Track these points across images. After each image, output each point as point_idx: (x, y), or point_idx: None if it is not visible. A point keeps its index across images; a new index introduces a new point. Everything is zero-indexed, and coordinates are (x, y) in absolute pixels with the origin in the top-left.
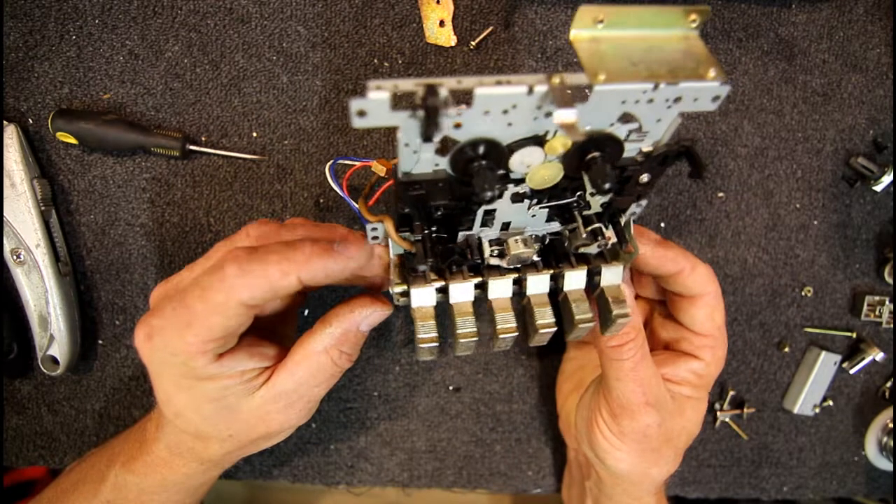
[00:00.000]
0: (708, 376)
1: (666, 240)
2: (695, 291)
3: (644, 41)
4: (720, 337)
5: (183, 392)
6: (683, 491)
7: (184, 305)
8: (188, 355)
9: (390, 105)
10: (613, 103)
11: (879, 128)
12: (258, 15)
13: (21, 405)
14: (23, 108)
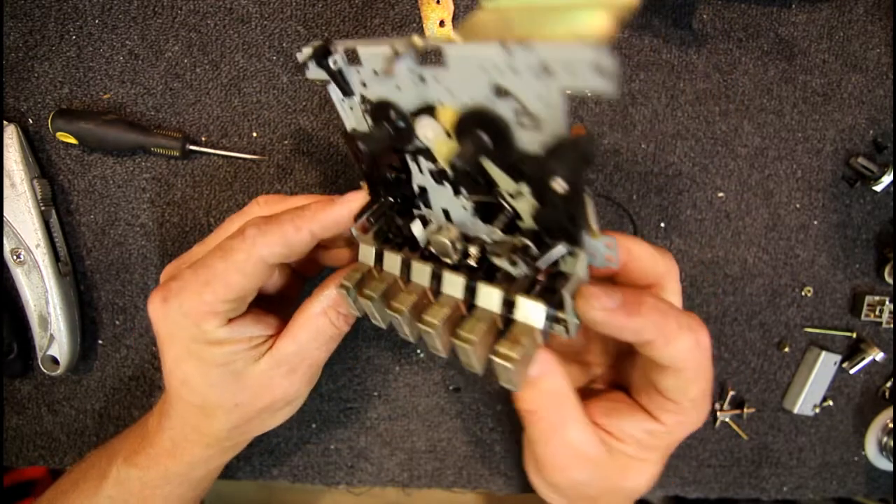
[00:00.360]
0: (664, 442)
1: (641, 297)
2: (668, 363)
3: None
4: (693, 410)
5: (192, 358)
6: (683, 491)
7: (204, 266)
8: (201, 316)
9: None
10: (473, 69)
11: (879, 128)
12: (258, 15)
13: (21, 405)
14: (23, 108)
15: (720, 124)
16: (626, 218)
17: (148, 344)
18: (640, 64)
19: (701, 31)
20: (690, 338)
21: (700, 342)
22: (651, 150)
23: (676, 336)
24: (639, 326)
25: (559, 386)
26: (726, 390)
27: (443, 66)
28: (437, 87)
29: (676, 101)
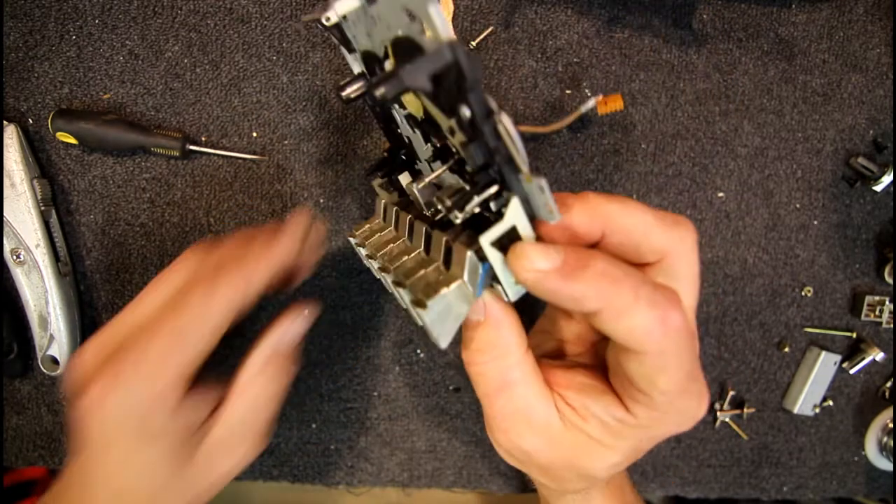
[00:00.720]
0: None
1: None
2: (624, 342)
3: None
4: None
5: (135, 459)
6: (683, 491)
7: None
8: (151, 402)
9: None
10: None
11: (879, 128)
12: (258, 15)
13: (21, 405)
14: (23, 108)
15: (720, 124)
16: None
17: None
18: (640, 64)
19: (701, 31)
20: (651, 314)
21: (667, 320)
22: (651, 150)
23: (631, 309)
24: (579, 294)
25: (503, 339)
26: (726, 390)
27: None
28: (382, 26)
29: (676, 101)
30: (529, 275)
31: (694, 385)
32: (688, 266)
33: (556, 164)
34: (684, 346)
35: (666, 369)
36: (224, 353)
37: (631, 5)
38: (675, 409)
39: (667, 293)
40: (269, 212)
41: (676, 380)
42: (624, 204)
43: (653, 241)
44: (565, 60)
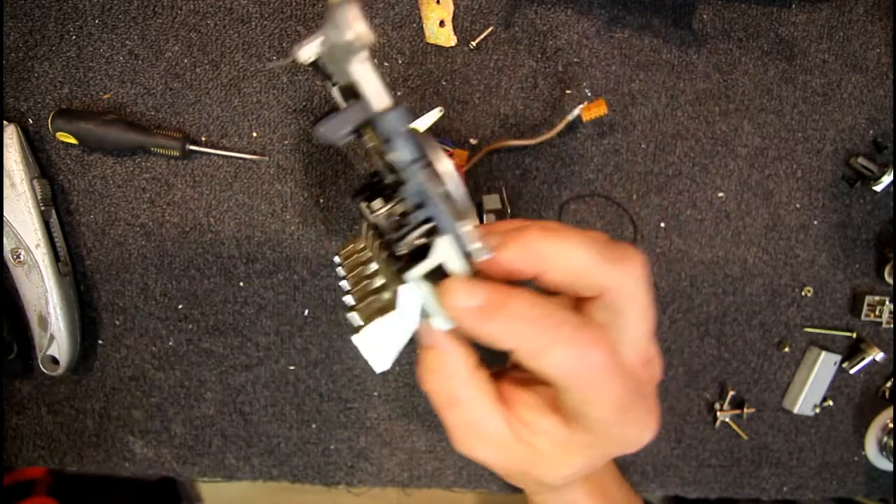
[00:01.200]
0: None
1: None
2: (549, 381)
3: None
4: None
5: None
6: (683, 491)
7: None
8: None
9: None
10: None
11: (879, 128)
12: (258, 15)
13: (21, 405)
14: (23, 108)
15: (720, 124)
16: (626, 218)
17: (148, 344)
18: (640, 64)
19: (701, 31)
20: (567, 352)
21: (584, 358)
22: (651, 150)
23: (546, 349)
24: (494, 333)
25: (451, 363)
26: (726, 390)
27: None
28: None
29: (676, 101)
30: (452, 311)
31: (630, 415)
32: (632, 301)
33: (556, 164)
34: (610, 381)
35: (592, 402)
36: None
37: (631, 5)
38: (613, 436)
39: (588, 331)
40: (269, 212)
41: (606, 411)
42: (563, 241)
43: (592, 280)
44: (565, 60)
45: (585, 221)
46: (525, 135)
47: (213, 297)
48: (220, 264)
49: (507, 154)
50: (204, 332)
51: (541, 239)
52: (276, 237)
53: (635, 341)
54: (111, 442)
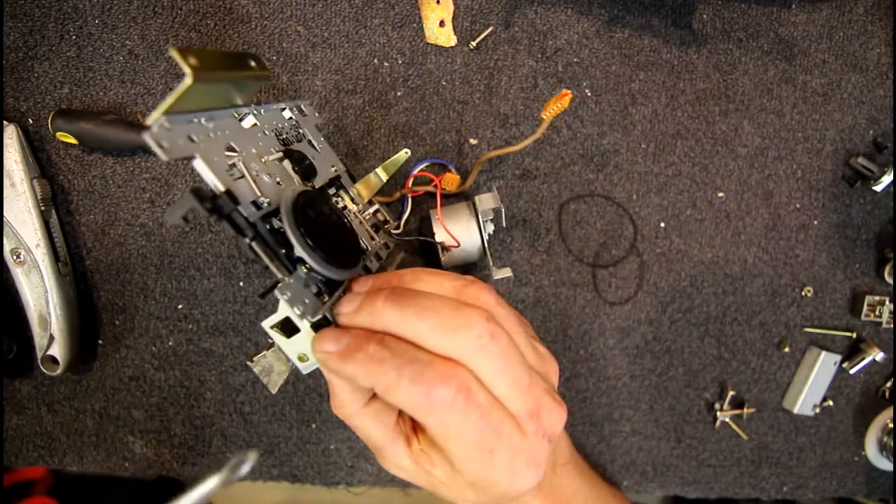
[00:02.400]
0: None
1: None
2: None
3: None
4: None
5: None
6: (683, 491)
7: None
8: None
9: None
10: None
11: (879, 128)
12: (258, 15)
13: (21, 405)
14: (23, 108)
15: (720, 124)
16: (626, 218)
17: (148, 344)
18: (640, 64)
19: (701, 31)
20: (413, 390)
21: (430, 395)
22: (651, 150)
23: (394, 387)
24: (349, 374)
25: (338, 398)
26: (726, 390)
27: None
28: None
29: (676, 101)
30: (318, 355)
31: (495, 458)
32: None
33: (555, 164)
34: (462, 418)
35: (450, 438)
36: (223, 353)
37: (631, 5)
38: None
39: (438, 369)
40: None
41: (468, 451)
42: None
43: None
44: (565, 60)
45: (585, 221)
46: (525, 134)
47: (213, 297)
48: (220, 264)
49: (507, 154)
50: (204, 332)
51: (385, 308)
52: None
53: (506, 396)
54: (111, 442)
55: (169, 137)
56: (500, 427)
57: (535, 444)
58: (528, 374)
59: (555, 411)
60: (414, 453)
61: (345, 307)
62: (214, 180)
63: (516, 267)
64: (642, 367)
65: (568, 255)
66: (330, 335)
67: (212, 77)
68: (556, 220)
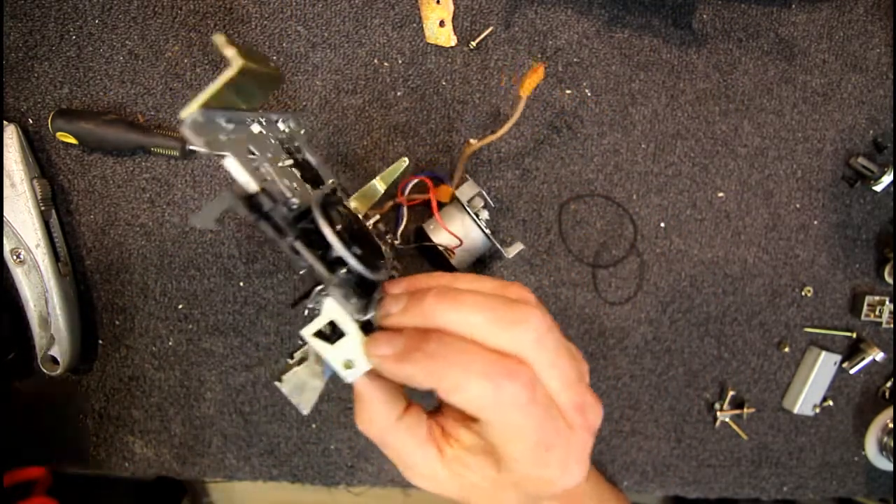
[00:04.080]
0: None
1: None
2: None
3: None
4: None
5: None
6: (683, 491)
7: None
8: None
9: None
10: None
11: (879, 128)
12: (258, 15)
13: (21, 405)
14: (23, 108)
15: (720, 124)
16: (626, 218)
17: (148, 344)
18: (640, 64)
19: (701, 31)
20: (483, 385)
21: (501, 390)
22: (651, 150)
23: (462, 384)
24: (408, 374)
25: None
26: (726, 390)
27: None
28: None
29: (676, 101)
30: (374, 360)
31: (551, 455)
32: (537, 356)
33: (555, 164)
34: (527, 416)
35: (511, 438)
36: (223, 353)
37: (631, 5)
38: (536, 477)
39: (503, 364)
40: None
41: (526, 449)
42: (456, 308)
43: (489, 343)
44: (565, 60)
45: (585, 221)
46: (525, 134)
47: (213, 297)
48: (220, 264)
49: (507, 154)
50: (204, 332)
51: (436, 305)
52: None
53: (557, 391)
54: (111, 442)
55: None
56: (557, 423)
57: (583, 439)
58: (575, 369)
59: (596, 406)
60: (447, 462)
61: (391, 307)
62: (248, 179)
63: (516, 267)
64: (642, 367)
65: (568, 255)
66: (383, 338)
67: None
68: (556, 220)
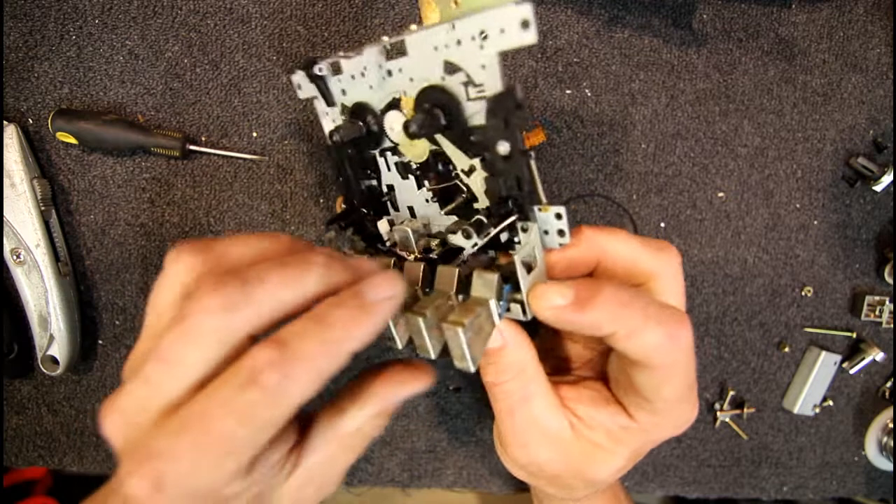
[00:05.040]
0: (637, 439)
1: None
2: (636, 358)
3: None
4: (668, 412)
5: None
6: (683, 491)
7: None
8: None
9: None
10: (428, 51)
11: (879, 128)
12: (258, 15)
13: (21, 405)
14: (23, 108)
15: (720, 124)
16: (627, 218)
17: None
18: (640, 64)
19: (701, 31)
20: (660, 331)
21: (674, 337)
22: (651, 150)
23: (642, 329)
24: (593, 321)
25: (522, 358)
26: (726, 390)
27: (404, 56)
28: (401, 78)
29: (676, 101)
30: (549, 312)
31: (691, 393)
32: (674, 286)
33: (556, 164)
34: (689, 359)
35: (671, 380)
36: None
37: (631, 5)
38: (674, 415)
39: (674, 312)
40: (269, 212)
41: (680, 389)
42: (613, 233)
43: (641, 266)
44: (565, 60)
45: (585, 221)
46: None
47: None
48: None
49: None
50: None
51: (596, 233)
52: None
53: None
54: None
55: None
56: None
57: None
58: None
59: None
60: (571, 420)
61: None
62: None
63: None
64: None
65: None
66: (551, 290)
67: None
68: None
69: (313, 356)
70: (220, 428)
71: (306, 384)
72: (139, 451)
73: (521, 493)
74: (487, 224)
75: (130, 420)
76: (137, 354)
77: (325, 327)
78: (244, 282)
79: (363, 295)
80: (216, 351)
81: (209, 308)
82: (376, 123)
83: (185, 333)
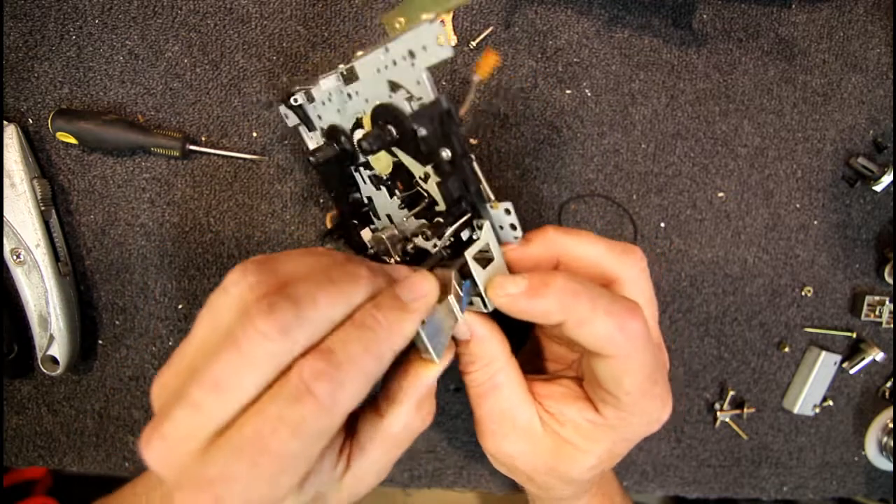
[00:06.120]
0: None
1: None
2: (590, 348)
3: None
4: (634, 406)
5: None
6: (683, 491)
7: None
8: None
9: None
10: (373, 73)
11: (879, 128)
12: (258, 15)
13: (21, 405)
14: (23, 108)
15: (720, 124)
16: (626, 218)
17: (148, 344)
18: (640, 64)
19: (701, 31)
20: (609, 321)
21: (624, 327)
22: (651, 150)
23: (591, 318)
24: (544, 308)
25: (491, 349)
26: (726, 390)
27: (357, 80)
28: (359, 100)
29: (676, 101)
30: (503, 299)
31: (656, 388)
32: (639, 288)
33: (556, 164)
34: (644, 350)
35: (629, 371)
36: None
37: (631, 5)
38: (640, 409)
39: (626, 303)
40: (269, 212)
41: (639, 381)
42: (578, 235)
43: (605, 268)
44: (565, 60)
45: (585, 221)
46: (525, 134)
47: None
48: (220, 264)
49: (506, 154)
50: None
51: (560, 234)
52: (276, 237)
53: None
54: (111, 442)
55: None
56: (657, 358)
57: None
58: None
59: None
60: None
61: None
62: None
63: None
64: None
65: None
66: (506, 279)
67: None
68: (556, 220)
69: (360, 361)
70: (275, 446)
71: (356, 389)
72: (194, 480)
73: (520, 493)
74: (444, 224)
75: (177, 448)
76: (182, 368)
77: (366, 331)
78: (297, 303)
79: (400, 296)
80: (271, 374)
81: (266, 332)
82: (349, 142)
83: (241, 358)
